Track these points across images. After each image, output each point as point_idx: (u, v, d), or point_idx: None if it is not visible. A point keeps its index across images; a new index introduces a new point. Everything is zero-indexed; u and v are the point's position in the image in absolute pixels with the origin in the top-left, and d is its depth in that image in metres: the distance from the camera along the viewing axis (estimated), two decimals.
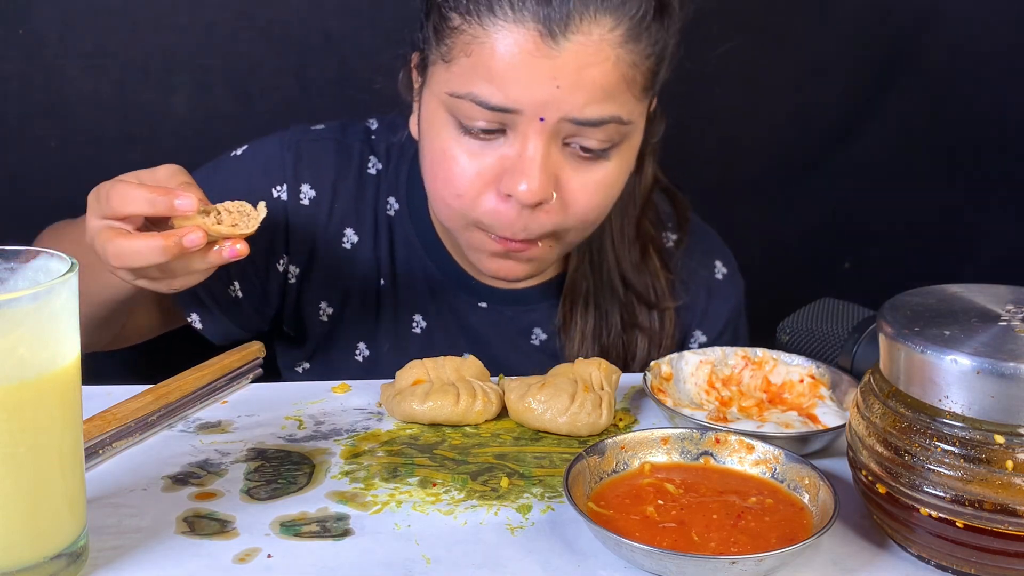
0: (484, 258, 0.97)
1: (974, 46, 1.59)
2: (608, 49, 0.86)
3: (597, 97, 0.87)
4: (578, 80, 0.86)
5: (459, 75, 0.89)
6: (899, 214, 1.67)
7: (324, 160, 1.07)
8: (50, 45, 1.34)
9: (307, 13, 1.40)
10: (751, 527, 0.64)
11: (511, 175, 0.89)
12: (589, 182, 0.92)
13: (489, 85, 0.87)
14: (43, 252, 0.60)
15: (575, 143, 0.90)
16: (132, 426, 0.77)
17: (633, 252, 1.09)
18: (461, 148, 0.91)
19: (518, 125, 0.88)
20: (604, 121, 0.88)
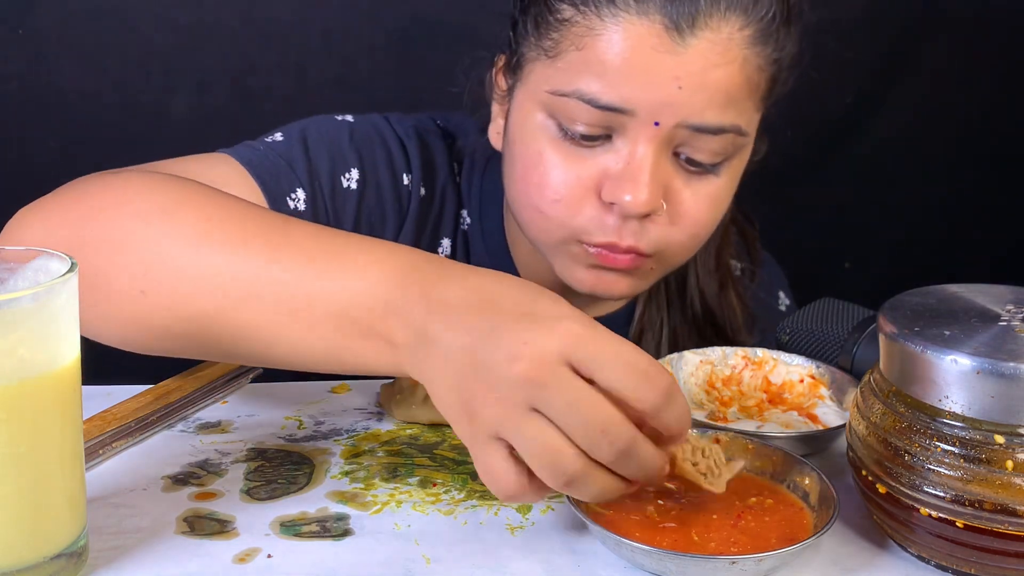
0: (580, 270, 0.88)
1: (974, 46, 1.59)
2: (736, 49, 0.80)
3: (719, 101, 0.81)
4: (702, 81, 0.80)
5: (565, 71, 0.82)
6: (899, 214, 1.67)
7: (438, 160, 0.99)
8: (50, 45, 1.34)
9: (307, 13, 1.40)
10: (751, 527, 0.64)
11: (617, 183, 0.82)
12: (700, 196, 0.85)
13: (600, 82, 0.80)
14: (43, 252, 0.60)
15: (686, 154, 0.84)
16: (132, 426, 0.77)
17: (713, 283, 1.03)
18: (560, 153, 0.84)
19: (627, 129, 0.81)
20: (723, 129, 0.82)
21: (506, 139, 0.91)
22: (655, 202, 0.82)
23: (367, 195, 0.94)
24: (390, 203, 0.96)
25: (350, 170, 0.93)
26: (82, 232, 0.69)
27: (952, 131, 1.64)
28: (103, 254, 0.67)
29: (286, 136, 0.93)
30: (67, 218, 0.71)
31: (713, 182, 0.86)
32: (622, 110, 0.81)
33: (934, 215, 1.68)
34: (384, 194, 0.95)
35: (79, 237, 0.68)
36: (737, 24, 0.80)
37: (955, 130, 1.64)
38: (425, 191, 0.98)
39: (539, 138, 0.85)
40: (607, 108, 0.81)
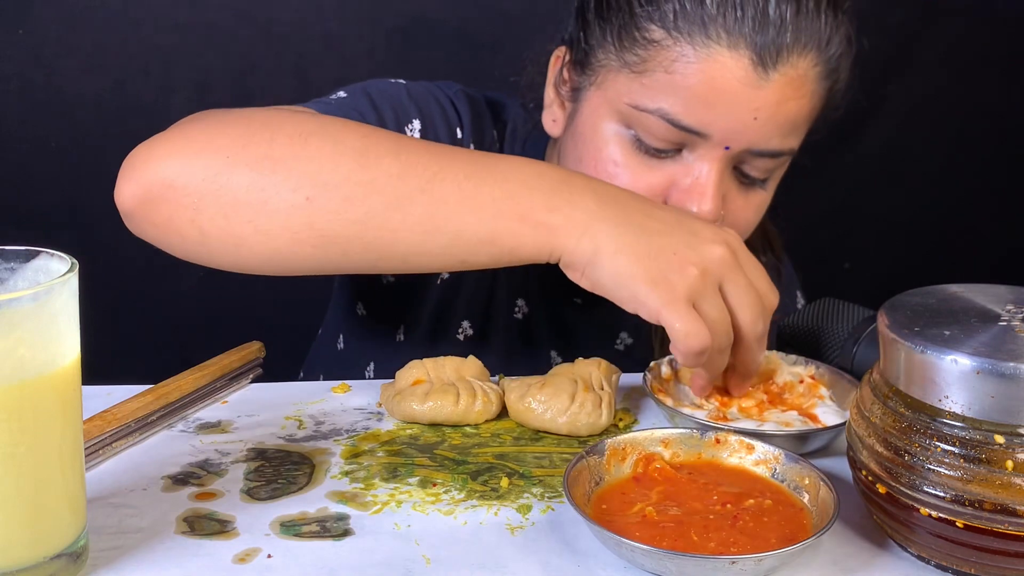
0: None
1: (974, 46, 1.59)
2: (809, 84, 0.86)
3: (786, 131, 0.87)
4: (776, 113, 0.85)
5: (650, 88, 0.86)
6: (899, 214, 1.67)
7: (486, 122, 1.04)
8: (50, 45, 1.34)
9: (307, 13, 1.40)
10: (750, 527, 0.64)
11: (686, 195, 0.87)
12: (749, 204, 0.92)
13: (684, 105, 0.84)
14: (43, 252, 0.60)
15: (742, 170, 0.89)
16: (132, 426, 0.77)
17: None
18: (633, 161, 0.89)
19: (698, 148, 0.86)
20: (782, 153, 0.89)
21: (571, 134, 0.95)
22: (717, 213, 0.88)
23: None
24: None
25: (412, 121, 0.98)
26: (235, 155, 0.74)
27: (952, 131, 1.64)
28: (264, 171, 0.73)
29: (350, 93, 0.97)
30: (212, 145, 0.76)
31: (760, 193, 0.93)
32: (699, 133, 0.85)
33: (934, 215, 1.68)
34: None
35: (230, 160, 0.74)
36: (812, 61, 0.85)
37: (955, 130, 1.64)
38: (474, 147, 1.02)
39: (612, 144, 0.90)
40: (686, 129, 0.85)
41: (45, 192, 1.38)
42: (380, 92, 0.98)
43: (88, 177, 1.38)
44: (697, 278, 0.74)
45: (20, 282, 0.60)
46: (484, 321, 1.06)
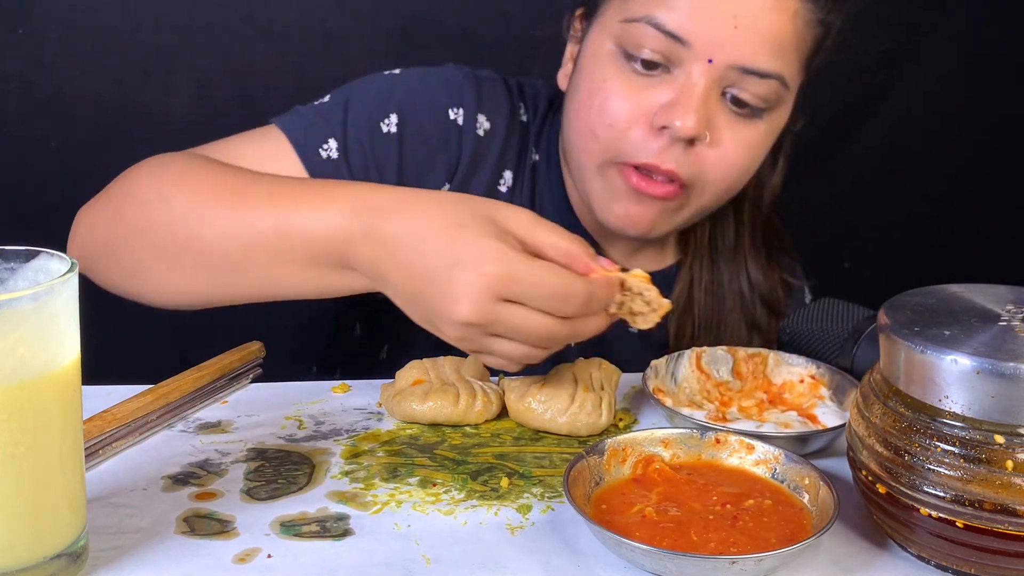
0: (613, 202, 0.95)
1: (974, 46, 1.59)
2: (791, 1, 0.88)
3: (768, 48, 0.88)
4: (756, 24, 0.87)
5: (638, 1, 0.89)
6: (899, 214, 1.67)
7: (498, 97, 1.05)
8: (50, 45, 1.34)
9: (307, 13, 1.40)
10: (750, 527, 0.64)
11: (670, 108, 0.89)
12: (740, 138, 0.92)
13: (667, 10, 0.87)
14: (43, 252, 0.60)
15: (733, 93, 0.90)
16: (132, 426, 0.77)
17: (761, 255, 1.09)
18: (621, 80, 0.91)
19: (684, 62, 0.89)
20: (769, 75, 0.89)
21: (574, 72, 0.98)
22: (701, 128, 0.89)
23: (407, 137, 1.00)
24: (436, 140, 1.01)
25: (389, 116, 0.99)
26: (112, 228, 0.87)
27: (952, 131, 1.64)
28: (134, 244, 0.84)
29: (332, 96, 1.01)
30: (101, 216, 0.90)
31: (753, 128, 0.93)
32: (682, 40, 0.87)
33: (934, 215, 1.68)
34: (427, 133, 1.00)
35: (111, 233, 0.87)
36: None
37: (955, 130, 1.64)
38: (491, 125, 1.03)
39: (606, 66, 0.92)
40: (670, 35, 0.88)
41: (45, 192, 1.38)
42: (362, 91, 1.01)
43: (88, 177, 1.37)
44: (460, 339, 0.72)
45: (20, 282, 0.60)
46: None
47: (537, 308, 0.69)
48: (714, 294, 1.07)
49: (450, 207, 0.72)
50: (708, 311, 1.07)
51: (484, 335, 0.71)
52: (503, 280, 0.68)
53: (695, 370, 0.87)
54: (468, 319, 0.69)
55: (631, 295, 0.74)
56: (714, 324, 1.06)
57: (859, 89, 1.60)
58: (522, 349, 0.72)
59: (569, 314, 0.70)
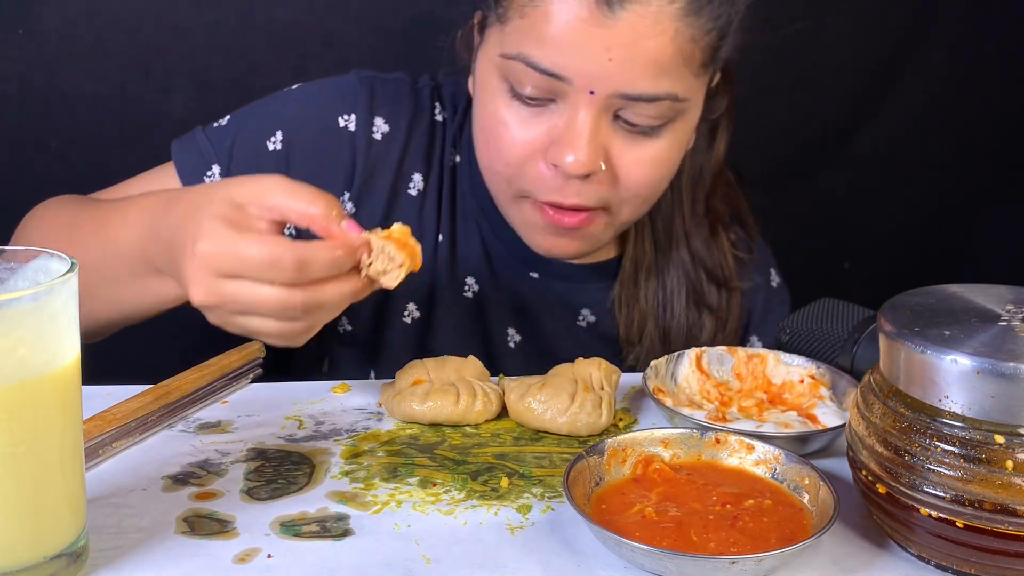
0: (535, 234, 0.95)
1: (974, 46, 1.59)
2: (666, 21, 0.83)
3: (651, 72, 0.85)
4: (632, 53, 0.83)
5: (512, 35, 0.87)
6: (899, 214, 1.67)
7: (400, 99, 1.04)
8: (50, 45, 1.34)
9: (307, 13, 1.40)
10: (750, 527, 0.64)
11: (559, 146, 0.87)
12: (642, 157, 0.90)
13: (540, 49, 0.85)
14: (43, 252, 0.60)
15: (626, 116, 0.88)
16: (132, 426, 0.77)
17: (703, 228, 1.06)
18: (511, 114, 0.89)
19: (568, 95, 0.86)
20: (657, 98, 0.86)
21: (474, 96, 0.97)
22: (593, 164, 0.87)
23: (295, 153, 1.00)
24: (327, 152, 1.00)
25: (275, 133, 1.00)
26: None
27: (952, 131, 1.64)
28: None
29: (230, 119, 1.02)
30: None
31: (654, 144, 0.90)
32: (560, 76, 0.85)
33: (934, 215, 1.68)
34: (317, 145, 1.00)
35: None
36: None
37: (955, 130, 1.64)
38: (390, 128, 1.02)
39: (495, 99, 0.90)
40: (547, 73, 0.85)
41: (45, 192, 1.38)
42: (251, 114, 1.02)
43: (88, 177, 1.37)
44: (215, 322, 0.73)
45: (20, 282, 0.60)
46: (431, 302, 1.05)
47: (257, 279, 0.69)
48: (658, 276, 1.05)
49: (199, 194, 0.74)
50: (654, 294, 1.05)
51: (229, 314, 0.71)
52: (213, 257, 0.69)
53: (695, 370, 0.87)
54: (201, 301, 0.71)
55: (377, 253, 0.72)
56: (661, 306, 1.05)
57: (859, 90, 1.60)
58: (271, 323, 0.71)
59: (289, 280, 0.68)
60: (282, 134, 1.00)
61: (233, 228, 0.69)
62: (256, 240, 0.69)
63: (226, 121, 1.02)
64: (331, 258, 0.70)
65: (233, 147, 0.99)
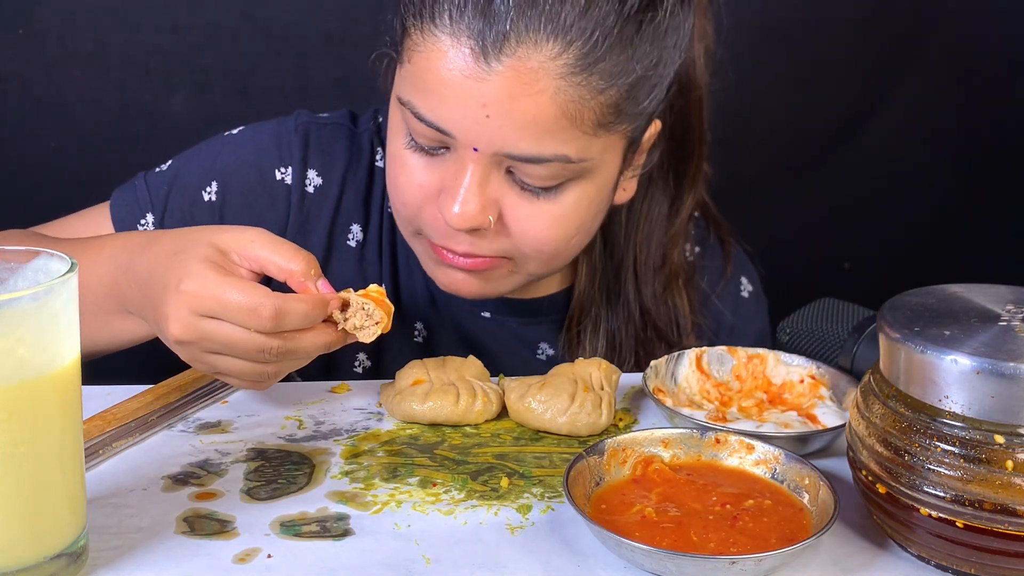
0: (435, 269, 0.91)
1: (974, 46, 1.59)
2: (546, 79, 0.77)
3: (532, 133, 0.79)
4: (509, 111, 0.78)
5: (404, 80, 0.84)
6: (899, 214, 1.67)
7: (335, 148, 1.01)
8: (50, 45, 1.34)
9: (307, 13, 1.40)
10: (750, 527, 0.64)
11: (445, 196, 0.84)
12: (539, 215, 0.85)
13: (422, 98, 0.82)
14: (43, 252, 0.60)
15: (517, 174, 0.83)
16: (132, 426, 0.77)
17: (657, 282, 1.02)
18: (409, 158, 0.86)
19: (456, 148, 0.83)
20: (544, 159, 0.81)
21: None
22: (476, 219, 0.83)
23: (229, 203, 0.99)
24: (262, 203, 0.99)
25: (211, 183, 0.99)
26: None
27: (951, 131, 1.64)
28: None
29: (171, 164, 1.02)
30: None
31: (553, 204, 0.85)
32: (440, 129, 0.82)
33: (933, 215, 1.68)
34: (252, 196, 0.99)
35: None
36: (550, 52, 0.77)
37: (954, 130, 1.64)
38: (323, 180, 1.00)
39: (395, 139, 0.88)
40: (431, 125, 0.82)
41: (45, 192, 1.37)
42: (190, 163, 1.00)
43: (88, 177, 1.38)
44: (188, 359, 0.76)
45: (20, 282, 0.60)
46: (379, 351, 1.03)
47: (235, 323, 0.71)
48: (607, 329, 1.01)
49: (181, 237, 0.76)
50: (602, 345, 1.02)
51: (202, 352, 0.74)
52: (197, 297, 0.71)
53: (695, 370, 0.87)
54: (178, 337, 0.73)
55: (355, 310, 0.76)
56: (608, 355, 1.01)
57: (859, 90, 1.60)
58: (242, 364, 0.74)
59: (265, 328, 0.71)
60: (217, 184, 0.98)
61: (217, 272, 0.72)
62: (239, 286, 0.71)
63: (166, 167, 1.00)
64: (305, 311, 0.73)
65: (169, 195, 0.98)
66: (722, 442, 0.72)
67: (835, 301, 0.94)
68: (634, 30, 0.80)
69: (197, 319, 0.72)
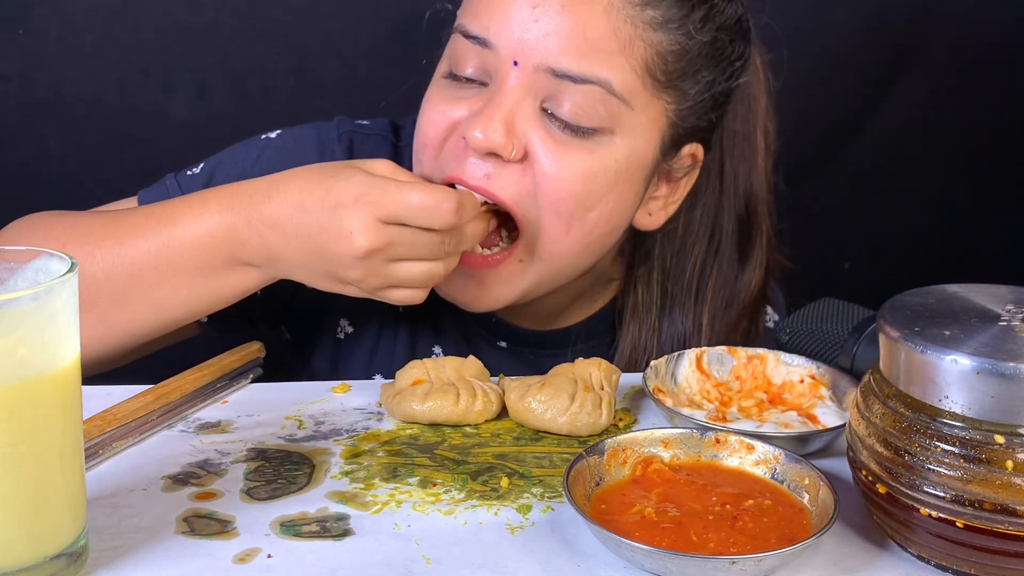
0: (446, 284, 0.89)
1: (974, 46, 1.59)
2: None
3: (579, 46, 0.80)
4: (560, 19, 0.79)
5: (461, 12, 0.88)
6: (899, 214, 1.67)
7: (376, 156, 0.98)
8: (50, 45, 1.34)
9: (307, 13, 1.40)
10: (750, 527, 0.64)
11: (471, 119, 0.83)
12: (567, 158, 0.83)
13: (473, 13, 0.85)
14: (43, 252, 0.60)
15: (555, 107, 0.82)
16: (132, 426, 0.77)
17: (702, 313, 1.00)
18: (441, 94, 0.87)
19: (496, 70, 0.83)
20: (585, 79, 0.80)
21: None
22: (500, 137, 0.81)
23: None
24: None
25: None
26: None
27: (952, 131, 1.64)
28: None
29: (202, 168, 0.98)
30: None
31: (584, 150, 0.84)
32: (485, 41, 0.83)
33: (934, 215, 1.68)
34: None
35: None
36: None
37: (955, 130, 1.64)
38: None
39: (433, 86, 0.89)
40: (475, 38, 0.83)
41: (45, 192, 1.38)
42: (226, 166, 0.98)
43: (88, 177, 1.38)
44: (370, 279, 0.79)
45: (20, 282, 0.60)
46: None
47: (420, 224, 0.75)
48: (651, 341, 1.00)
49: (315, 169, 0.79)
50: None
51: (385, 262, 0.76)
52: (381, 205, 0.74)
53: (695, 370, 0.87)
54: (368, 247, 0.75)
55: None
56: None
57: (859, 90, 1.60)
58: (420, 268, 0.78)
59: (449, 224, 0.76)
60: None
61: (393, 180, 0.76)
62: (419, 187, 0.76)
63: (199, 169, 0.98)
64: (474, 201, 0.80)
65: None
66: (722, 442, 0.72)
67: (835, 301, 0.94)
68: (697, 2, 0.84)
69: (384, 227, 0.75)
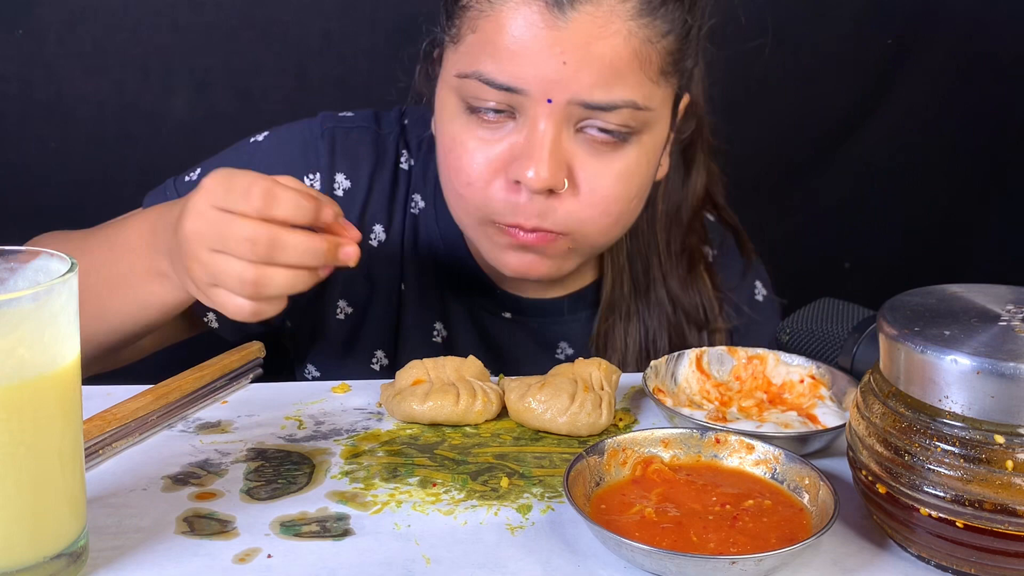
0: (502, 254, 0.92)
1: (974, 46, 1.59)
2: (619, 22, 0.83)
3: (607, 76, 0.83)
4: (586, 56, 0.82)
5: (466, 54, 0.87)
6: (899, 214, 1.67)
7: (361, 151, 1.02)
8: (50, 45, 1.34)
9: (307, 13, 1.40)
10: (750, 528, 0.64)
11: (519, 161, 0.86)
12: (607, 171, 0.88)
13: (495, 62, 0.84)
14: (43, 252, 0.60)
15: (589, 127, 0.86)
16: (132, 426, 0.77)
17: (680, 266, 1.04)
18: (470, 134, 0.88)
19: (526, 108, 0.85)
20: (616, 105, 0.85)
21: (435, 125, 0.95)
22: (555, 178, 0.85)
23: None
24: None
25: None
26: None
27: (951, 131, 1.64)
28: None
29: (199, 173, 1.00)
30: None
31: (620, 157, 0.88)
32: (516, 89, 0.84)
33: (934, 215, 1.68)
34: None
35: None
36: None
37: (954, 130, 1.64)
38: (351, 183, 1.02)
39: (453, 122, 0.89)
40: (503, 87, 0.84)
41: (45, 192, 1.38)
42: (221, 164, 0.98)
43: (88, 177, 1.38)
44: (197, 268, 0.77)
45: (20, 282, 0.60)
46: (396, 350, 1.04)
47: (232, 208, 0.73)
48: (639, 318, 1.03)
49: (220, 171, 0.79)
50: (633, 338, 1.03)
51: (207, 250, 0.74)
52: (211, 191, 0.74)
53: (695, 370, 0.87)
54: (188, 229, 0.74)
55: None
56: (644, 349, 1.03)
57: (859, 90, 1.60)
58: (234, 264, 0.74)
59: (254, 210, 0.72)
60: None
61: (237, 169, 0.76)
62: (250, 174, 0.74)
63: (195, 175, 1.01)
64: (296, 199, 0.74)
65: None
66: (722, 442, 0.72)
67: (835, 301, 0.94)
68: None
69: (209, 209, 0.74)
